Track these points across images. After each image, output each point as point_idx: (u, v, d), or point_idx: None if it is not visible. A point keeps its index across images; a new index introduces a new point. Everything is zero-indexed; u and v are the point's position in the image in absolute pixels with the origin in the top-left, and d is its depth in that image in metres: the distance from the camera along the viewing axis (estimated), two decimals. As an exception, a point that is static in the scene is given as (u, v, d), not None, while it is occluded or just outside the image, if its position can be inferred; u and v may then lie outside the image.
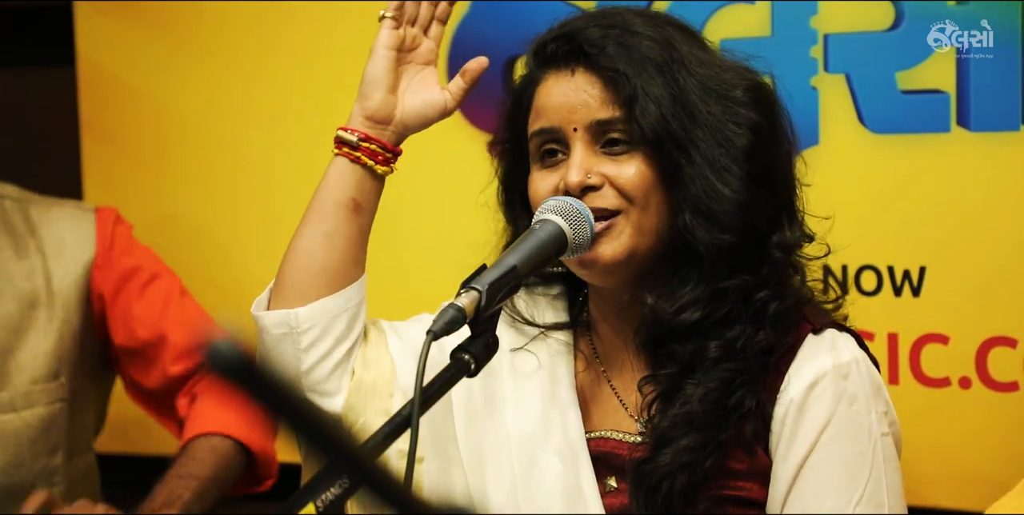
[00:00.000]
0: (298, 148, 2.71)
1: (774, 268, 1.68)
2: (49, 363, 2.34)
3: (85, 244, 2.41)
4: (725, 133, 1.65)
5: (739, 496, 1.67)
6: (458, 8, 2.54)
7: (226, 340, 0.81)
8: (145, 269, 2.42)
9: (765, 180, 1.67)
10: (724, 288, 1.66)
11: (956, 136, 2.20)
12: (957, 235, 2.22)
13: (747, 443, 1.66)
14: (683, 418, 1.64)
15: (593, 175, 1.66)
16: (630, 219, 1.66)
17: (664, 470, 1.64)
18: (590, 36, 1.69)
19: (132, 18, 2.83)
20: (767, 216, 1.68)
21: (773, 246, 1.68)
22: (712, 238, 1.64)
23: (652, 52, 1.67)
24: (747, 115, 1.67)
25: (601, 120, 1.67)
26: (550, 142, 1.71)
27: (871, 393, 1.68)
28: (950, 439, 2.24)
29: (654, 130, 1.64)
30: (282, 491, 2.23)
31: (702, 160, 1.65)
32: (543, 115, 1.71)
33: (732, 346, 1.65)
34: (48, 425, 2.34)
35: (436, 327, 1.46)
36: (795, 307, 1.70)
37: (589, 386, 1.80)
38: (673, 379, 1.67)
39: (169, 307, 2.40)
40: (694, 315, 1.65)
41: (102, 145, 2.88)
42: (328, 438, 0.88)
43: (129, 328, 2.39)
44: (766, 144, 1.68)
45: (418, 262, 2.61)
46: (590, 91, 1.68)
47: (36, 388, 2.33)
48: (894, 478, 1.68)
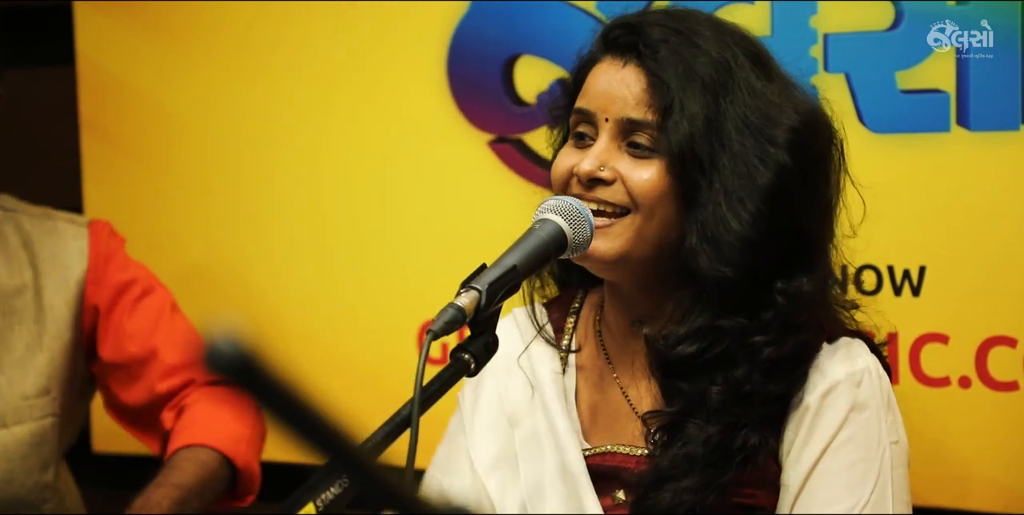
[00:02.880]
0: (297, 148, 2.71)
1: (778, 314, 1.65)
2: (40, 379, 2.32)
3: (77, 259, 2.37)
4: (749, 168, 1.64)
5: (747, 503, 1.67)
6: (457, 8, 2.55)
7: (226, 339, 0.81)
8: (138, 284, 2.39)
9: (779, 224, 1.64)
10: (720, 326, 1.64)
11: (956, 136, 2.20)
12: (957, 235, 2.21)
13: (756, 463, 1.66)
14: (684, 458, 1.64)
15: (606, 169, 1.66)
16: (633, 223, 1.66)
17: (665, 506, 1.64)
18: (651, 35, 1.68)
19: (132, 18, 2.82)
20: (774, 260, 1.65)
21: (777, 292, 1.66)
22: (712, 267, 1.62)
23: (705, 70, 1.66)
24: (776, 156, 1.64)
25: (633, 119, 1.67)
26: (584, 122, 1.71)
27: (882, 402, 1.68)
28: (950, 439, 2.24)
29: (680, 146, 1.63)
30: (282, 491, 2.23)
31: (720, 186, 1.63)
32: (586, 95, 1.72)
33: (739, 389, 1.64)
34: (39, 440, 2.32)
35: (436, 326, 1.46)
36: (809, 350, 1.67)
37: (600, 395, 1.79)
38: (675, 417, 1.67)
39: (160, 323, 2.38)
40: (690, 348, 1.64)
41: (102, 145, 2.88)
42: (328, 438, 0.88)
43: (119, 343, 2.36)
44: (789, 190, 1.65)
45: (418, 262, 2.61)
46: (632, 88, 1.68)
47: (26, 404, 2.30)
48: (901, 486, 1.68)
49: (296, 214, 2.73)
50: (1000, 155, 2.18)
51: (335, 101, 2.67)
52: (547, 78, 2.46)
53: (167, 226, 2.83)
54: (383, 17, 2.60)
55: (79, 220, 2.44)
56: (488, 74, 2.52)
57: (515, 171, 2.50)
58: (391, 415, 1.46)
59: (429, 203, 2.60)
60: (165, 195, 2.84)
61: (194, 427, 2.28)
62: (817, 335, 1.70)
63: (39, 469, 2.32)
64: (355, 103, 2.64)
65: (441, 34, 2.55)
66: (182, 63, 2.79)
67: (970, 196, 2.21)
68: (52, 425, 2.34)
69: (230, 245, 2.79)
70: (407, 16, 2.57)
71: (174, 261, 2.75)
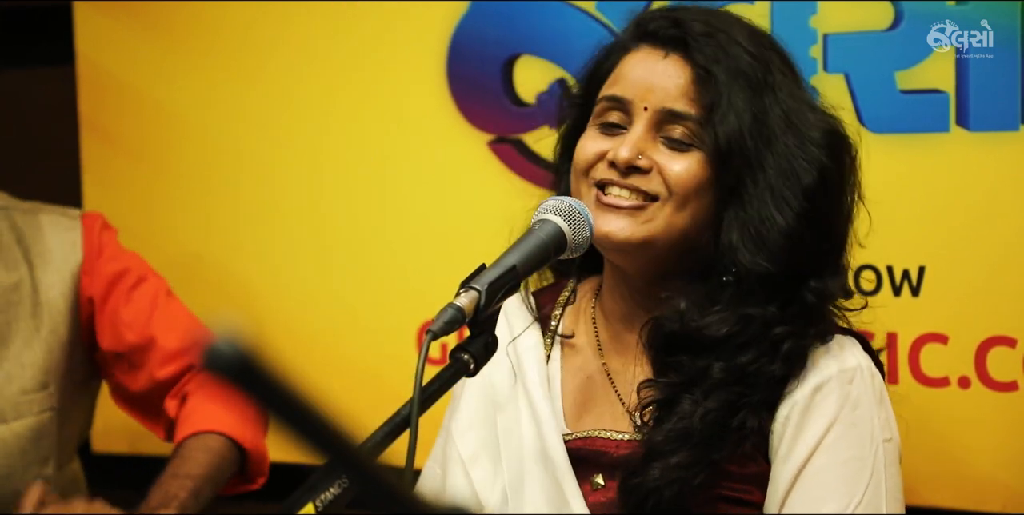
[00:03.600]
0: (297, 148, 2.71)
1: (803, 310, 1.67)
2: (37, 374, 2.32)
3: (72, 252, 2.38)
4: (794, 167, 1.65)
5: (734, 496, 1.67)
6: (457, 8, 2.55)
7: (225, 339, 0.81)
8: (132, 273, 2.40)
9: (818, 224, 1.67)
10: (749, 314, 1.65)
11: (955, 136, 2.20)
12: (956, 235, 2.22)
13: (744, 451, 1.66)
14: (678, 434, 1.64)
15: (644, 157, 1.66)
16: (663, 210, 1.66)
17: (652, 485, 1.63)
18: (696, 29, 1.68)
19: (132, 18, 2.82)
20: (811, 258, 1.67)
21: (809, 290, 1.68)
22: (754, 263, 1.64)
23: (749, 68, 1.67)
24: (819, 157, 1.66)
25: (674, 110, 1.67)
26: (616, 110, 1.71)
27: (874, 399, 1.68)
28: (949, 439, 2.24)
29: (728, 140, 1.64)
30: (282, 491, 2.23)
31: (765, 184, 1.64)
32: (620, 83, 1.71)
33: (743, 370, 1.65)
34: (38, 435, 2.32)
35: (435, 326, 1.46)
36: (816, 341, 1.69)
37: (586, 381, 1.80)
38: (672, 390, 1.67)
39: (156, 310, 2.38)
40: (720, 331, 1.65)
41: (101, 144, 2.88)
42: (327, 438, 0.88)
43: (117, 332, 2.37)
44: (829, 190, 1.68)
45: (417, 262, 2.61)
46: (676, 79, 1.68)
47: (25, 399, 2.31)
48: (894, 483, 1.68)
49: (296, 214, 2.73)
50: (1000, 155, 2.18)
51: (335, 101, 2.67)
52: (547, 78, 2.46)
53: (167, 226, 2.83)
54: (383, 17, 2.60)
55: (71, 213, 2.44)
56: (488, 74, 2.52)
57: (515, 171, 2.50)
58: (391, 415, 1.46)
59: (429, 203, 2.60)
60: (165, 195, 2.84)
61: (199, 414, 2.30)
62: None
63: (38, 464, 2.33)
64: (355, 103, 2.64)
65: (441, 34, 2.55)
66: (182, 63, 2.79)
67: (969, 196, 2.21)
68: (51, 419, 2.34)
69: (230, 244, 2.79)
70: (407, 16, 2.57)
71: (173, 260, 2.74)
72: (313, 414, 0.86)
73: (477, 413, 1.83)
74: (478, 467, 1.80)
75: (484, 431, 1.82)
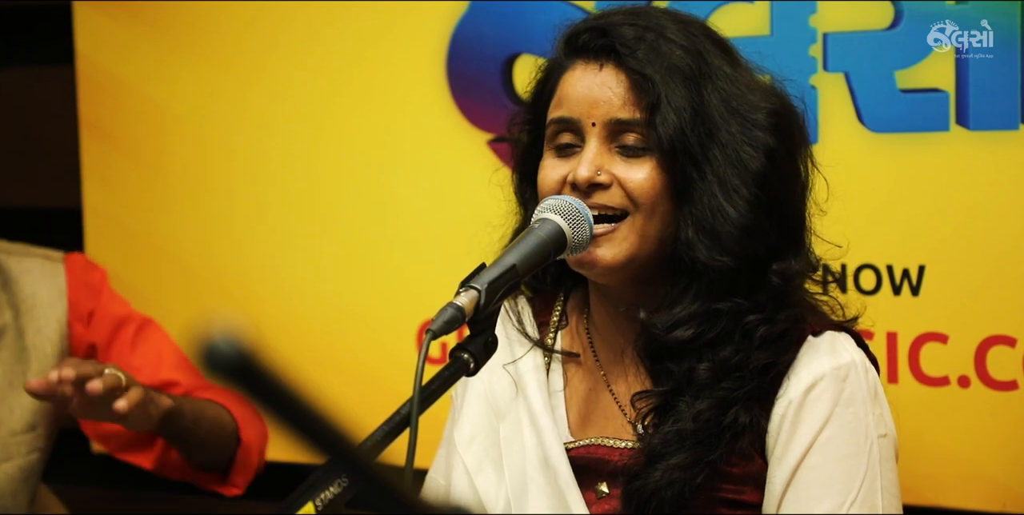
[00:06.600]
0: (296, 148, 2.71)
1: (771, 294, 1.68)
2: (26, 415, 2.32)
3: (57, 297, 2.37)
4: (740, 155, 1.65)
5: (733, 498, 1.67)
6: (457, 8, 2.55)
7: (225, 338, 0.81)
8: (132, 319, 2.41)
9: (772, 207, 1.67)
10: (717, 309, 1.66)
11: (955, 135, 2.20)
12: (956, 234, 2.22)
13: (742, 450, 1.66)
14: (674, 436, 1.64)
15: (603, 173, 1.66)
16: (635, 225, 1.66)
17: (653, 486, 1.64)
18: (624, 35, 1.68)
19: (131, 18, 2.82)
20: (769, 243, 1.67)
21: (772, 273, 1.68)
22: (711, 258, 1.64)
23: (682, 62, 1.66)
24: (764, 140, 1.66)
25: (621, 120, 1.67)
26: (567, 132, 1.70)
27: (868, 395, 1.68)
28: (949, 438, 2.24)
29: (671, 140, 1.64)
30: (282, 491, 2.23)
31: (713, 177, 1.64)
32: (564, 104, 1.71)
33: (726, 365, 1.65)
34: (27, 475, 2.32)
35: (435, 326, 1.46)
36: (796, 325, 1.69)
37: (586, 389, 1.80)
38: (666, 396, 1.68)
39: (164, 355, 2.39)
40: (686, 333, 1.65)
41: (101, 144, 2.88)
42: (327, 437, 0.88)
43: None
44: (779, 172, 1.68)
45: (417, 261, 2.61)
46: (615, 89, 1.68)
47: (14, 440, 2.31)
48: (890, 479, 1.68)
49: (295, 214, 2.73)
50: (999, 155, 2.18)
51: (335, 101, 2.67)
52: (546, 78, 2.46)
53: (166, 225, 2.83)
54: (383, 17, 2.60)
55: (53, 256, 2.43)
56: (487, 73, 2.52)
57: (515, 171, 2.50)
58: (391, 415, 1.46)
59: (428, 202, 2.60)
60: (164, 194, 2.84)
61: (210, 395, 2.32)
62: (801, 319, 1.70)
63: (27, 504, 2.33)
64: (355, 102, 2.64)
65: (440, 34, 2.55)
66: (181, 63, 2.79)
67: (969, 196, 2.21)
68: (38, 460, 2.35)
69: (229, 244, 2.79)
70: (407, 16, 2.57)
71: (173, 260, 2.75)
72: (313, 413, 0.86)
73: (479, 423, 1.83)
74: (482, 476, 1.80)
75: (487, 441, 1.81)
